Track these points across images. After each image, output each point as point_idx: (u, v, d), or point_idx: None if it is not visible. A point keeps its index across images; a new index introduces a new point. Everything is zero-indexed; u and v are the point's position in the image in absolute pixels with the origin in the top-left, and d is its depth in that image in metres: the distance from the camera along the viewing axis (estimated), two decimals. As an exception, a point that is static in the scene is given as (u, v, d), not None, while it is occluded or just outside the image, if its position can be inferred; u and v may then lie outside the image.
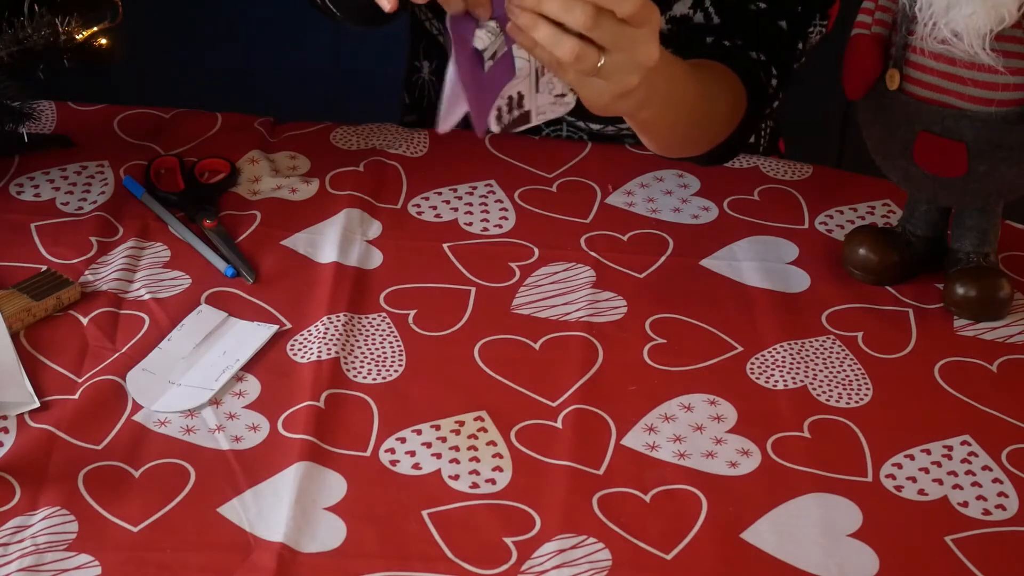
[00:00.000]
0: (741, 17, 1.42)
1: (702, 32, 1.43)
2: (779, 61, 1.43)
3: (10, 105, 1.43)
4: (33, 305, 1.27)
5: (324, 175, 1.48)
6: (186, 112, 1.58)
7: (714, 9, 1.43)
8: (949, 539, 1.11)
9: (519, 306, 1.32)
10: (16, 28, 1.37)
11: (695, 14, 1.43)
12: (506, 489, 1.13)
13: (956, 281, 1.33)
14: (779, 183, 1.51)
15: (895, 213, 1.46)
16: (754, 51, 1.42)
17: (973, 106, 1.24)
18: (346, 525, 1.10)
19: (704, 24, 1.43)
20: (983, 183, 1.28)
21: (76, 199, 1.43)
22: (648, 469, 1.16)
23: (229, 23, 2.37)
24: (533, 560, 1.08)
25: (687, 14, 1.44)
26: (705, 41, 1.43)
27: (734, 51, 1.42)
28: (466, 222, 1.43)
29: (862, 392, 1.24)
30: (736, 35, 1.42)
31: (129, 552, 1.07)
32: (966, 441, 1.20)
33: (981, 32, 1.20)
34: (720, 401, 1.23)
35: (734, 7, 1.43)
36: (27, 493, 1.11)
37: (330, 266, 1.36)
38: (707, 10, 1.43)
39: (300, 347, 1.26)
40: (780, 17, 1.43)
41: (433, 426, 1.19)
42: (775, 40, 1.43)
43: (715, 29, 1.43)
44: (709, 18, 1.43)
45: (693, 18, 1.43)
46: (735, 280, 1.37)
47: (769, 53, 1.43)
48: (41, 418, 1.18)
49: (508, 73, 1.15)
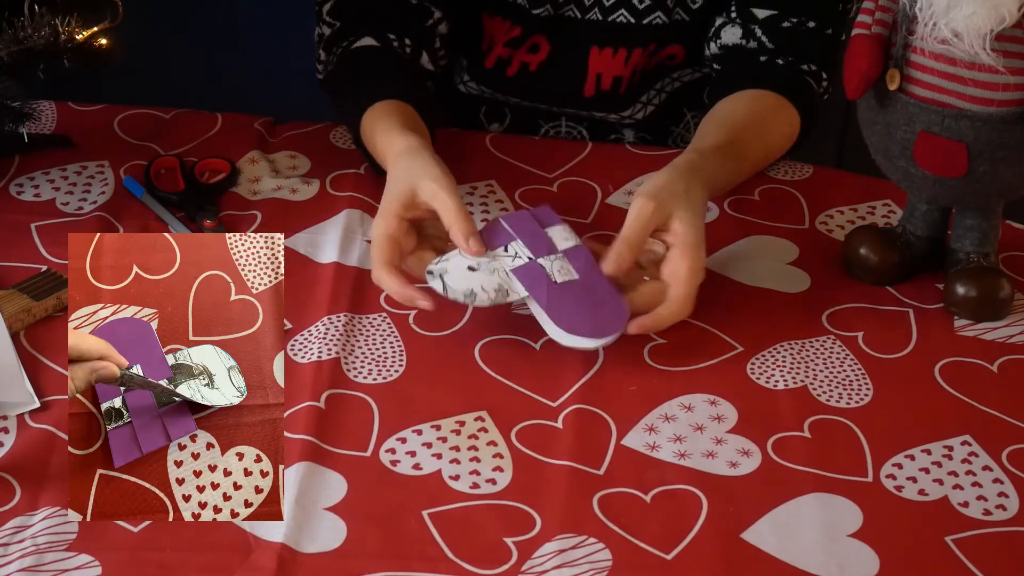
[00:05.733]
0: (794, 39, 1.47)
1: (757, 55, 1.48)
2: (829, 64, 1.49)
3: (10, 105, 1.43)
4: (33, 305, 1.27)
5: (324, 175, 1.48)
6: (186, 112, 1.58)
7: (766, 37, 1.47)
8: (949, 539, 1.11)
9: (520, 306, 1.32)
10: (16, 28, 1.37)
11: (748, 43, 1.47)
12: (506, 489, 1.13)
13: (956, 281, 1.33)
14: (779, 183, 1.51)
15: (895, 213, 1.46)
16: (806, 64, 1.47)
17: (973, 106, 1.24)
18: (346, 525, 1.10)
19: (758, 48, 1.48)
20: (983, 183, 1.28)
21: (76, 199, 1.43)
22: (648, 469, 1.16)
23: (229, 23, 2.37)
24: (533, 560, 1.08)
25: (739, 44, 1.48)
26: (759, 62, 1.47)
27: (787, 69, 1.47)
28: (466, 222, 1.43)
29: (862, 392, 1.24)
30: (788, 53, 1.47)
31: (129, 552, 1.07)
32: (966, 441, 1.20)
33: (981, 32, 1.20)
34: (720, 401, 1.23)
35: (786, 32, 1.47)
36: (27, 493, 1.11)
37: (330, 266, 1.36)
38: (759, 39, 1.48)
39: (300, 347, 1.26)
40: (827, 26, 1.48)
41: (433, 426, 1.19)
42: (823, 49, 1.48)
43: (770, 51, 1.47)
44: (763, 45, 1.47)
45: (746, 46, 1.47)
46: (735, 280, 1.37)
47: (820, 62, 1.48)
48: (41, 418, 1.18)
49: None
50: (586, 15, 1.53)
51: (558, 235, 1.28)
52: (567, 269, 1.25)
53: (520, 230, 1.27)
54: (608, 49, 1.54)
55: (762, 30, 1.47)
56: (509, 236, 1.27)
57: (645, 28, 1.52)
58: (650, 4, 1.51)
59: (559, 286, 1.24)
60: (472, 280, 1.24)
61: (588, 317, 1.23)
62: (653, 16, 1.52)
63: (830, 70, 1.49)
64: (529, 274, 1.24)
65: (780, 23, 1.47)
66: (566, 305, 1.23)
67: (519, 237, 1.26)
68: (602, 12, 1.52)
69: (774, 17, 1.47)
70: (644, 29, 1.52)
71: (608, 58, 1.54)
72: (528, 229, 1.27)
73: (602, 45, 1.54)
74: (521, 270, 1.24)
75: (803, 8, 1.47)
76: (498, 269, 1.24)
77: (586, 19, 1.53)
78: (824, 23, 1.47)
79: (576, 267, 1.25)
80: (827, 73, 1.49)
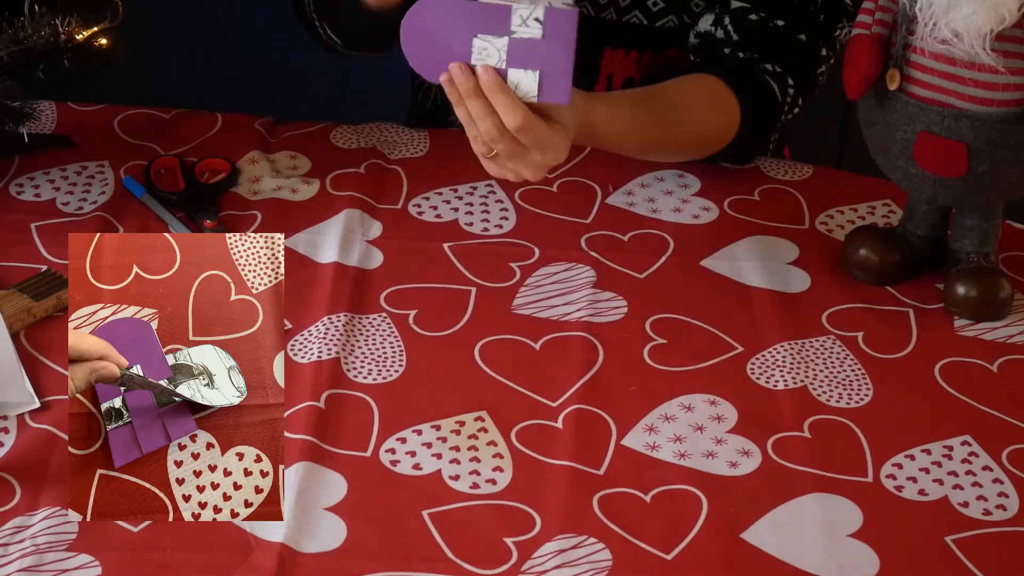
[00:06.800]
0: (759, 33, 1.45)
1: (722, 46, 1.46)
2: (797, 71, 1.45)
3: (10, 105, 1.43)
4: (33, 305, 1.27)
5: (324, 175, 1.48)
6: (186, 112, 1.58)
7: (732, 27, 1.45)
8: (949, 539, 1.11)
9: (520, 306, 1.32)
10: (16, 28, 1.37)
11: (716, 31, 1.46)
12: (506, 489, 1.13)
13: (956, 281, 1.33)
14: (779, 183, 1.51)
15: (895, 213, 1.46)
16: (770, 63, 1.44)
17: (973, 106, 1.24)
18: (346, 525, 1.10)
19: (724, 39, 1.45)
20: (983, 183, 1.28)
21: (76, 199, 1.43)
22: (648, 469, 1.16)
23: (229, 23, 2.37)
24: (533, 560, 1.08)
25: (709, 31, 1.47)
26: (723, 53, 1.45)
27: (748, 64, 1.44)
28: (467, 222, 1.43)
29: (862, 392, 1.24)
30: (752, 49, 1.45)
31: (129, 552, 1.07)
32: (966, 441, 1.20)
33: (981, 32, 1.20)
34: (720, 401, 1.23)
35: (752, 25, 1.45)
36: (27, 493, 1.11)
37: (330, 266, 1.36)
38: (726, 28, 1.46)
39: (300, 347, 1.26)
40: (798, 31, 1.45)
41: (433, 426, 1.19)
42: (793, 52, 1.45)
43: (734, 44, 1.45)
44: (728, 35, 1.45)
45: (715, 34, 1.45)
46: (735, 280, 1.37)
47: (785, 65, 1.45)
48: (41, 418, 1.18)
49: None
50: (600, 14, 1.52)
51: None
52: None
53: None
54: (621, 50, 1.54)
55: (730, 18, 1.46)
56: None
57: (658, 31, 1.52)
58: (663, 7, 1.51)
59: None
60: None
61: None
62: (666, 19, 1.51)
63: (800, 79, 1.45)
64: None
65: (748, 15, 1.45)
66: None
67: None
68: (617, 12, 1.52)
69: (744, 9, 1.45)
70: (656, 32, 1.52)
71: (620, 59, 1.54)
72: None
73: (615, 46, 1.54)
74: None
75: (775, 6, 1.45)
76: None
77: (600, 18, 1.52)
78: (795, 26, 1.45)
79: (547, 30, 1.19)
80: (794, 81, 1.45)
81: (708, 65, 1.45)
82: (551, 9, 1.19)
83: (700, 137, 1.44)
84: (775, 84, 1.44)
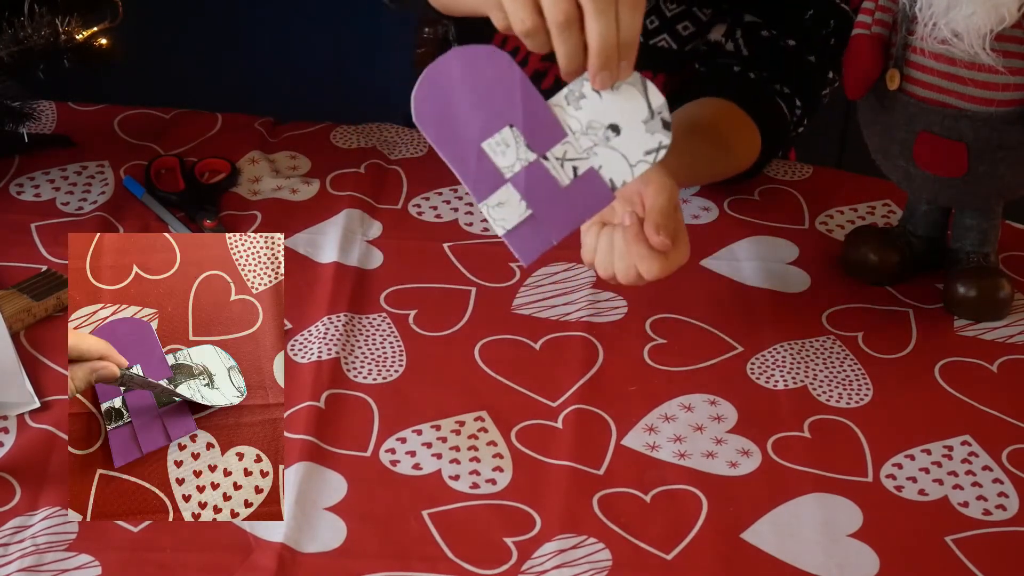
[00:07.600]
0: (770, 52, 1.45)
1: (732, 60, 1.46)
2: (806, 94, 1.45)
3: (10, 105, 1.43)
4: (33, 305, 1.27)
5: (324, 175, 1.48)
6: (186, 112, 1.58)
7: (743, 41, 1.45)
8: (949, 539, 1.11)
9: (519, 306, 1.32)
10: (16, 28, 1.37)
11: (727, 43, 1.46)
12: (506, 489, 1.13)
13: (956, 281, 1.33)
14: (779, 183, 1.51)
15: (895, 213, 1.46)
16: (779, 84, 1.44)
17: (973, 106, 1.24)
18: (346, 525, 1.10)
19: (735, 53, 1.45)
20: (983, 183, 1.28)
21: (76, 199, 1.43)
22: (648, 469, 1.16)
23: (229, 23, 2.38)
24: (533, 560, 1.08)
25: (720, 41, 1.46)
26: (732, 69, 1.45)
27: (759, 83, 1.44)
28: (466, 222, 1.43)
29: (862, 392, 1.24)
30: (763, 68, 1.45)
31: (129, 552, 1.07)
32: (966, 441, 1.20)
33: (981, 32, 1.20)
34: (720, 401, 1.23)
35: (764, 42, 1.45)
36: (27, 493, 1.11)
37: (330, 266, 1.36)
38: (737, 41, 1.45)
39: (300, 347, 1.26)
40: (809, 52, 1.45)
41: (433, 426, 1.19)
42: (803, 74, 1.45)
43: (744, 60, 1.45)
44: (739, 49, 1.44)
45: (725, 46, 1.45)
46: (735, 280, 1.37)
47: (795, 86, 1.45)
48: (41, 418, 1.18)
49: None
50: None
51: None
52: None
53: None
54: (648, 72, 1.53)
55: (741, 32, 1.46)
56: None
57: (687, 55, 1.51)
58: (694, 31, 1.50)
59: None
60: None
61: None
62: (696, 42, 1.50)
63: (807, 102, 1.45)
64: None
65: (759, 31, 1.45)
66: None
67: None
68: (645, 35, 1.50)
69: (756, 24, 1.45)
70: (685, 56, 1.51)
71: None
72: None
73: (642, 68, 1.53)
74: None
75: (787, 25, 1.44)
76: None
77: None
78: (806, 48, 1.44)
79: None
80: (802, 103, 1.45)
81: (722, 85, 1.44)
82: (593, 172, 1.09)
83: (742, 162, 1.44)
84: (784, 105, 1.45)
